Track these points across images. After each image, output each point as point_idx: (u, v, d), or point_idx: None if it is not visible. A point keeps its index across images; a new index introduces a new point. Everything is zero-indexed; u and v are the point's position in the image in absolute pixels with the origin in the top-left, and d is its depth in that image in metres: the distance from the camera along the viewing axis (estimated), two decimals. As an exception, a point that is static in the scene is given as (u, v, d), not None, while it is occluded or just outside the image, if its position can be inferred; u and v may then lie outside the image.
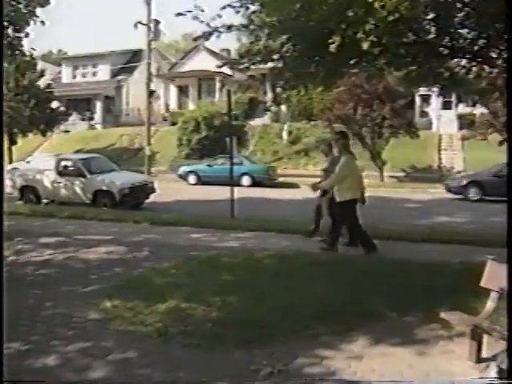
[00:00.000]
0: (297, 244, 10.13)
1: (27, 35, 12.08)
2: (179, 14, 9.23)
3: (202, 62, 40.19)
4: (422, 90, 25.86)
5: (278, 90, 10.70)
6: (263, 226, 11.79)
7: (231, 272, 7.86)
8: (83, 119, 43.46)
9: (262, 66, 9.68)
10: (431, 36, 8.64)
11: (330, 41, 6.91)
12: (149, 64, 31.65)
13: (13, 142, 35.92)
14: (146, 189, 17.18)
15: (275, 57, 8.99)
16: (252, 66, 9.59)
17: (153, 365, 5.00)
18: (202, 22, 8.97)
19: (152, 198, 17.26)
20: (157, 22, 31.95)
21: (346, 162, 9.39)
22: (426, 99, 35.77)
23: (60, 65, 48.59)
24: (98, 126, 43.04)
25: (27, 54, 12.77)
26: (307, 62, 8.69)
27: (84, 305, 6.70)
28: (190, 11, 9.07)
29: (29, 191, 17.65)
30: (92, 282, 7.78)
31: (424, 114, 36.62)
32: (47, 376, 4.87)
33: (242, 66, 9.73)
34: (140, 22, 30.44)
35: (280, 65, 9.21)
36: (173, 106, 41.95)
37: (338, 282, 7.19)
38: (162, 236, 11.11)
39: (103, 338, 5.67)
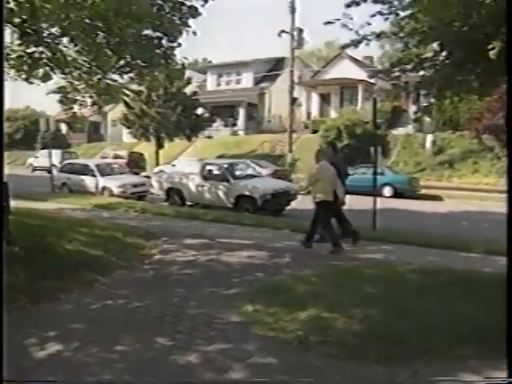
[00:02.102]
0: (441, 259, 9.70)
1: (179, 45, 12.58)
2: (328, 23, 9.20)
3: (345, 69, 39.97)
4: None
5: (428, 99, 10.29)
6: (406, 239, 11.42)
7: (373, 284, 7.67)
8: (226, 125, 44.73)
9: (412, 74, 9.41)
10: None
11: (490, 46, 6.54)
12: (292, 72, 32.04)
13: (160, 146, 37.78)
14: (287, 195, 17.26)
15: (426, 65, 8.69)
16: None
17: (292, 372, 4.98)
18: (350, 29, 8.88)
19: (293, 204, 17.35)
20: (300, 31, 32.28)
21: (316, 168, 10.58)
22: None
23: (205, 73, 50.41)
24: (241, 133, 44.07)
25: (179, 62, 13.29)
26: (461, 69, 8.31)
27: (226, 307, 6.83)
28: (338, 19, 9.01)
29: (174, 193, 18.40)
30: (234, 284, 7.93)
31: None
32: (189, 374, 5.01)
33: (393, 75, 9.51)
34: (284, 31, 30.90)
35: (431, 73, 8.88)
36: (314, 113, 42.04)
37: (485, 302, 6.74)
38: (303, 243, 11.10)
39: (244, 341, 5.74)
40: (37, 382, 4.98)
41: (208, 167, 18.17)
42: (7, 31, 12.21)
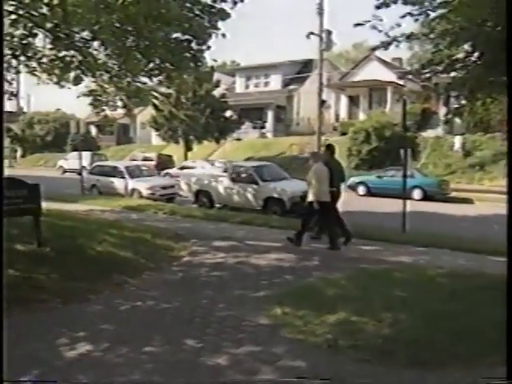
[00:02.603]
0: (471, 263, 9.56)
1: (209, 48, 12.63)
2: (358, 25, 9.15)
3: (374, 71, 39.70)
4: None
5: (458, 100, 10.16)
6: (436, 243, 11.28)
7: (403, 288, 7.59)
8: (255, 128, 44.74)
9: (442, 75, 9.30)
10: None
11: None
12: (320, 74, 31.90)
13: (189, 148, 37.97)
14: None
15: (458, 66, 8.58)
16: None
17: (321, 376, 4.94)
18: (380, 31, 8.81)
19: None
20: (329, 33, 32.13)
21: (311, 170, 11.12)
22: None
23: (234, 75, 50.54)
24: (269, 135, 44.05)
25: (208, 65, 13.34)
26: (493, 70, 8.19)
27: (255, 309, 6.83)
28: (368, 21, 8.96)
29: (203, 195, 18.47)
30: (262, 287, 7.92)
31: None
32: (218, 376, 5.01)
33: (423, 77, 9.41)
34: (312, 33, 30.78)
35: (463, 74, 8.77)
36: (343, 115, 41.85)
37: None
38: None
39: (273, 344, 5.72)
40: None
41: (236, 169, 18.19)
42: (39, 36, 12.42)
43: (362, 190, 26.48)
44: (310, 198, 10.92)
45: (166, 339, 5.89)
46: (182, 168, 30.08)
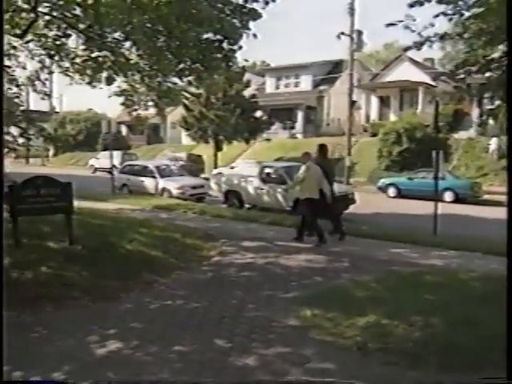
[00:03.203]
0: (504, 267, 9.36)
1: (240, 48, 12.64)
2: (390, 25, 9.05)
3: (405, 72, 39.30)
4: None
5: (492, 101, 9.96)
6: (468, 246, 11.12)
7: (434, 291, 7.47)
8: (285, 128, 44.63)
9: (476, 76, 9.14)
10: None
11: None
12: (351, 75, 31.75)
13: (218, 149, 38.06)
14: (346, 199, 17.04)
15: (493, 66, 8.42)
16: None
17: (350, 379, 4.91)
18: (413, 31, 8.70)
19: (351, 209, 17.18)
20: (359, 33, 31.96)
21: (302, 169, 11.58)
22: None
23: (264, 76, 50.51)
24: (299, 136, 43.91)
25: (239, 65, 13.35)
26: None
27: (284, 310, 6.81)
28: (401, 21, 8.85)
29: (233, 195, 18.46)
30: (292, 288, 7.91)
31: None
32: (247, 377, 5.00)
33: (457, 77, 9.27)
34: (343, 33, 30.63)
35: (498, 74, 8.60)
36: (373, 116, 41.53)
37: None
38: (362, 248, 10.95)
39: (302, 346, 5.70)
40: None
41: (266, 170, 18.15)
42: (72, 37, 12.59)
43: (392, 191, 26.22)
44: (307, 195, 11.47)
45: (195, 339, 5.90)
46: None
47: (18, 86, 11.92)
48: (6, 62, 12.17)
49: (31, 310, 6.93)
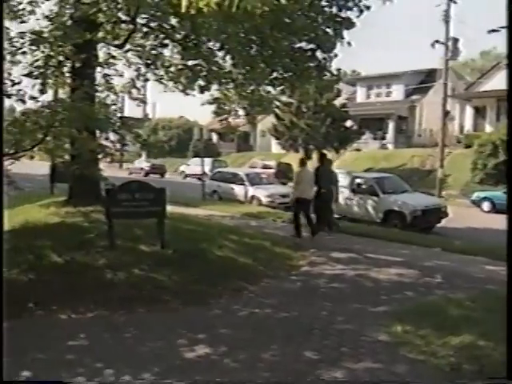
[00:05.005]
0: None
1: (335, 56, 12.57)
2: (492, 31, 8.73)
3: (502, 81, 37.74)
4: None
5: None
6: None
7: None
8: (375, 138, 44.02)
9: None
10: None
11: None
12: (445, 84, 30.88)
13: (308, 157, 37.98)
14: (438, 212, 16.59)
15: None
16: None
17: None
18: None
19: (443, 222, 16.66)
20: (455, 40, 31.01)
21: (296, 173, 13.84)
22: None
23: (354, 85, 50.02)
24: (390, 146, 43.17)
25: (334, 73, 13.27)
26: None
27: (374, 324, 6.66)
28: (504, 27, 8.48)
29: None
30: (382, 302, 7.73)
31: None
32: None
33: None
34: (438, 41, 29.86)
35: None
36: (468, 127, 40.16)
37: None
38: (455, 264, 10.54)
39: (392, 362, 5.55)
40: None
41: (357, 180, 17.92)
42: (169, 47, 12.96)
43: (486, 206, 25.15)
44: (300, 195, 13.02)
45: (283, 348, 5.87)
46: None
47: (115, 93, 12.34)
48: (105, 71, 12.65)
49: (123, 311, 7.13)
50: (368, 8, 11.96)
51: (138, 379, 5.13)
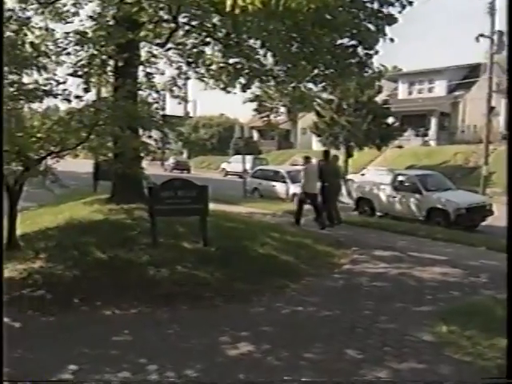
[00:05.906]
0: None
1: (377, 53, 12.42)
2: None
3: (551, 76, 36.84)
4: None
5: None
6: None
7: None
8: (417, 135, 43.42)
9: None
10: None
11: None
12: (490, 79, 30.24)
13: (349, 155, 37.69)
14: (483, 211, 16.25)
15: None
16: None
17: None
18: None
19: (488, 220, 16.32)
20: (501, 34, 30.29)
21: (305, 169, 14.59)
22: None
23: (396, 81, 49.37)
24: (432, 143, 42.52)
25: (376, 70, 13.11)
26: None
27: (418, 324, 6.58)
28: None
29: (364, 203, 18.17)
30: (426, 302, 7.62)
31: None
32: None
33: None
34: (482, 35, 29.22)
35: None
36: (514, 123, 39.31)
37: None
38: (501, 263, 10.29)
39: (437, 363, 5.46)
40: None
41: (399, 178, 17.70)
42: (211, 45, 13.01)
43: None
44: (307, 190, 14.29)
45: (326, 347, 5.85)
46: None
47: (157, 91, 12.48)
48: (147, 70, 12.78)
49: (166, 307, 7.20)
50: (411, 3, 11.79)
51: (181, 376, 5.16)
